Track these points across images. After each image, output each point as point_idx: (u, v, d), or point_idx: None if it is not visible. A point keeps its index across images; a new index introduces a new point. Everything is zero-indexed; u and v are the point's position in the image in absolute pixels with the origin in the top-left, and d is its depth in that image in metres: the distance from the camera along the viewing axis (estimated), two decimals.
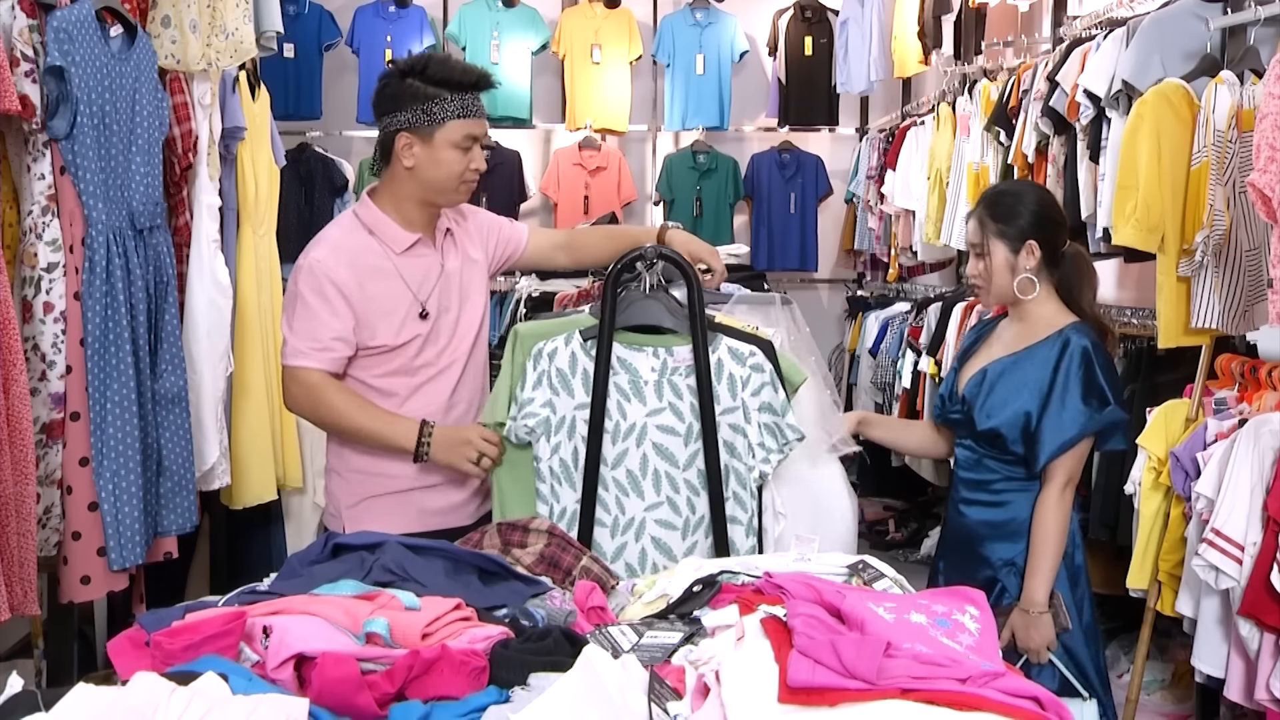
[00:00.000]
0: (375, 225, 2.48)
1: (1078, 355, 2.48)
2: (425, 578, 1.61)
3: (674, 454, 2.37)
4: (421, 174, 2.43)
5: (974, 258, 2.61)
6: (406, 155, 2.42)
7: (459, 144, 2.42)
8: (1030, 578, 2.49)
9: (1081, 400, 2.47)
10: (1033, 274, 2.55)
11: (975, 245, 2.60)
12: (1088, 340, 2.51)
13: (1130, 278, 4.48)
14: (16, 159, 2.38)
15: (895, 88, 6.58)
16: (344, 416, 2.43)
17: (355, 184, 6.67)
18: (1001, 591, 2.55)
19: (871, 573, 1.74)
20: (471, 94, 2.42)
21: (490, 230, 2.69)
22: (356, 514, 2.50)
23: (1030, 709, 1.26)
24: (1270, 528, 2.52)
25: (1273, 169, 2.44)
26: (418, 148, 2.41)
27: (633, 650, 1.44)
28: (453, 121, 2.39)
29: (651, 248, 2.37)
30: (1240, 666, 2.61)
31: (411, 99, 2.39)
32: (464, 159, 2.43)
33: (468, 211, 2.66)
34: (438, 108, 2.39)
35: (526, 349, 2.37)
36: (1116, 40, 3.48)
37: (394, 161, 2.45)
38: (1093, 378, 2.48)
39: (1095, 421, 2.47)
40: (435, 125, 2.39)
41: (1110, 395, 2.49)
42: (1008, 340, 2.64)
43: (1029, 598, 2.48)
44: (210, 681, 1.23)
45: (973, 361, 2.67)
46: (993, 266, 2.56)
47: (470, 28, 6.75)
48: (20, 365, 2.19)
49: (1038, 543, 2.49)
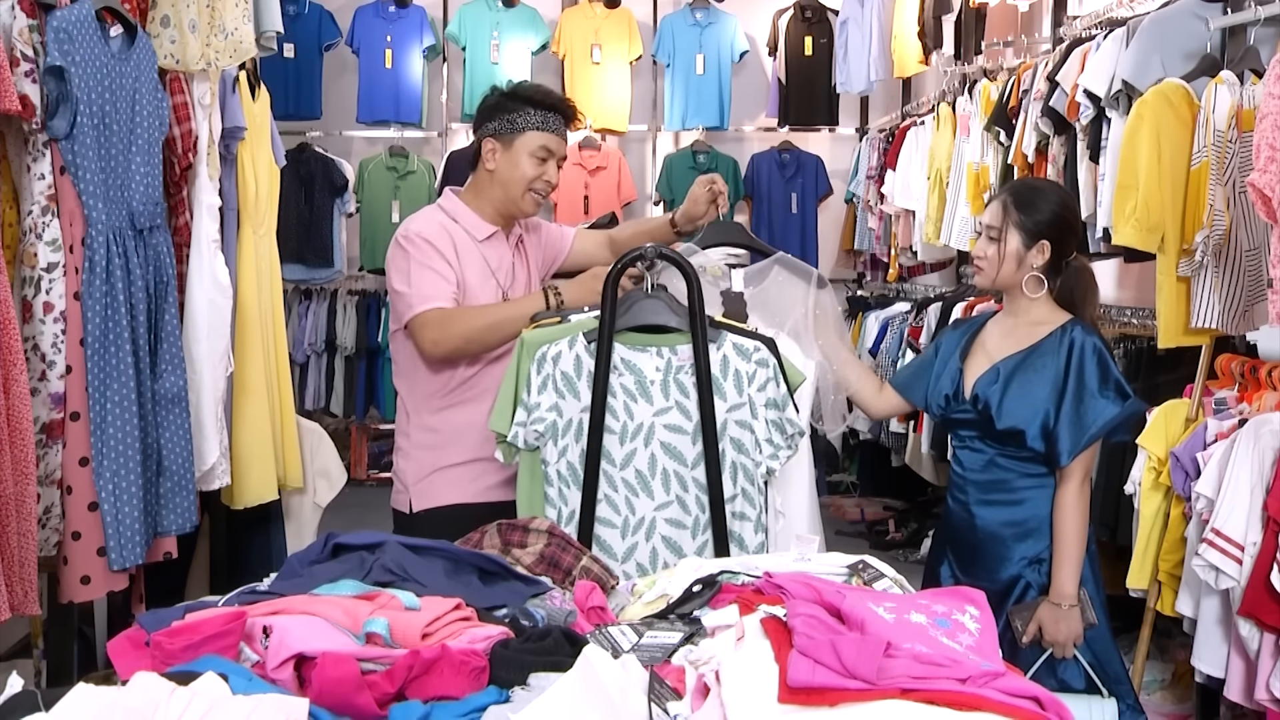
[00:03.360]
0: (457, 214, 2.73)
1: (1090, 350, 2.52)
2: (425, 578, 1.61)
3: (682, 453, 2.37)
4: (500, 176, 2.70)
5: (986, 239, 2.64)
6: (490, 159, 2.71)
7: (535, 153, 2.68)
8: (1058, 571, 2.51)
9: (1099, 394, 2.50)
10: (1040, 273, 2.58)
11: (992, 228, 2.62)
12: (1095, 335, 2.55)
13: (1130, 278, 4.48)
14: (16, 159, 2.38)
15: (895, 88, 6.58)
16: (480, 317, 2.62)
17: (355, 184, 6.68)
18: (1026, 588, 2.58)
19: (871, 573, 1.74)
20: (554, 114, 2.69)
21: (545, 236, 2.94)
22: (423, 488, 2.71)
23: (1030, 709, 1.26)
24: (1270, 528, 2.52)
25: (1273, 169, 2.44)
26: (500, 153, 2.69)
27: (633, 650, 1.44)
28: (531, 132, 2.67)
29: (652, 247, 2.39)
30: (1240, 666, 2.62)
31: (500, 111, 2.69)
32: (538, 168, 2.69)
33: (531, 225, 2.92)
34: (520, 119, 2.68)
35: (532, 356, 2.38)
36: (1116, 40, 3.48)
37: (479, 165, 2.74)
38: (1108, 371, 2.51)
39: (1119, 413, 2.51)
40: (516, 134, 2.68)
41: (1127, 387, 2.53)
42: (1004, 337, 2.64)
43: (1058, 590, 2.51)
44: (210, 681, 1.23)
45: (974, 361, 2.67)
46: (1004, 253, 2.59)
47: (470, 28, 6.75)
48: (20, 365, 2.19)
49: (1062, 537, 2.52)
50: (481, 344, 2.64)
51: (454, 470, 2.70)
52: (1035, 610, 2.53)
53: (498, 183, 2.71)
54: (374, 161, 6.76)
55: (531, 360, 2.37)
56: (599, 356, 2.33)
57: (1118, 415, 2.50)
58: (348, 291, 6.95)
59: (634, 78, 6.94)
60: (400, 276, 2.66)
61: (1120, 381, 2.52)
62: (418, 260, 2.64)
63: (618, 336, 2.37)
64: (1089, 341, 2.52)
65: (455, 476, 2.70)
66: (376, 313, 6.90)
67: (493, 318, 2.61)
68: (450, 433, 2.70)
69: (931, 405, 2.72)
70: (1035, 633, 2.52)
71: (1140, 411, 2.57)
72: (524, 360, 2.39)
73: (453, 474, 2.70)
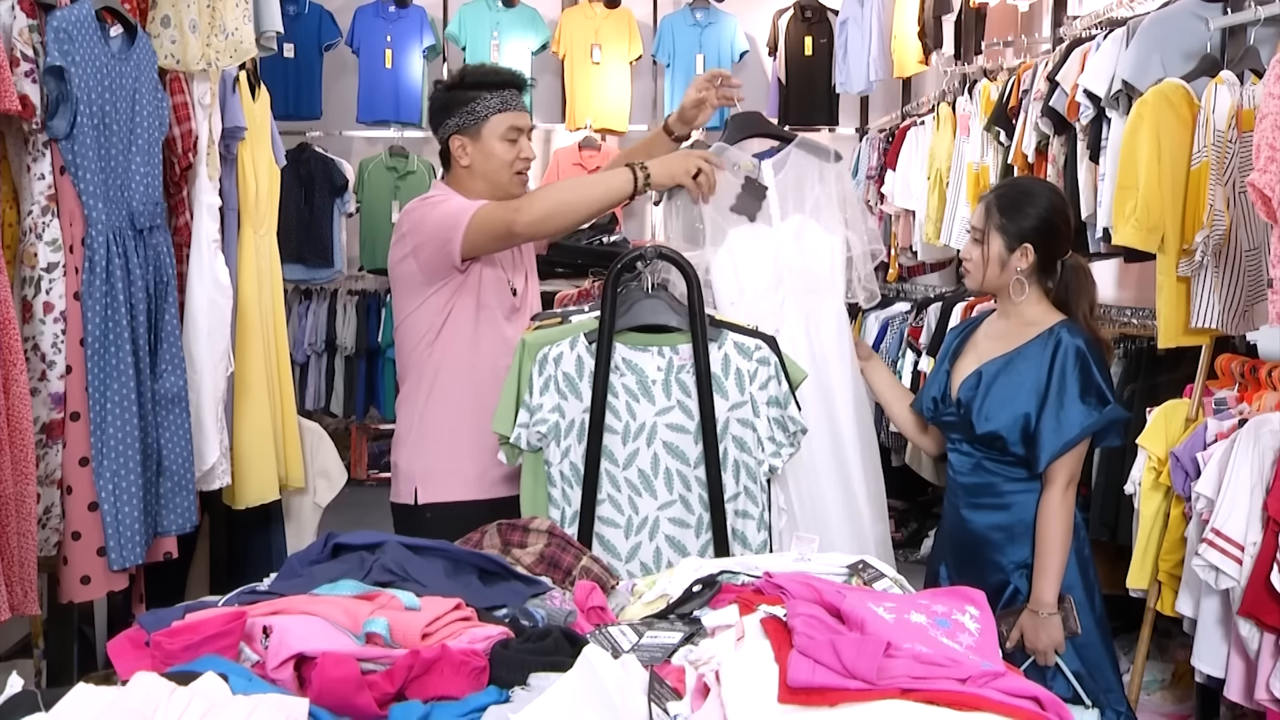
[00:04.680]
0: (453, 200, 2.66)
1: (1072, 354, 2.49)
2: (425, 578, 1.61)
3: (685, 452, 2.37)
4: (478, 169, 2.66)
5: (972, 241, 2.64)
6: (462, 155, 2.67)
7: (504, 135, 2.64)
8: (1038, 579, 2.50)
9: (1080, 399, 2.47)
10: (1024, 276, 2.57)
11: (976, 229, 2.62)
12: (1080, 338, 2.52)
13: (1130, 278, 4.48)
14: (16, 159, 2.38)
15: (895, 88, 6.58)
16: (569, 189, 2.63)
17: (355, 184, 6.67)
18: (1014, 594, 2.56)
19: (871, 573, 1.74)
20: (509, 90, 2.64)
21: None
22: (427, 478, 2.66)
23: (1030, 709, 1.26)
24: (1270, 528, 2.52)
25: (1273, 169, 2.44)
26: (470, 146, 2.66)
27: (633, 650, 1.44)
28: (495, 116, 2.63)
29: (652, 247, 2.39)
30: (1240, 666, 2.62)
31: (457, 105, 2.65)
32: (512, 149, 2.65)
33: None
34: (480, 106, 2.63)
35: (533, 357, 2.38)
36: (1116, 40, 3.47)
37: (454, 165, 2.70)
38: (1089, 376, 2.49)
39: (1096, 420, 2.48)
40: (480, 122, 2.63)
41: (1108, 393, 2.50)
42: (995, 339, 2.64)
43: (1038, 599, 2.49)
44: (210, 681, 1.23)
45: (963, 362, 2.67)
46: (987, 256, 2.59)
47: (470, 28, 6.75)
48: (20, 365, 2.19)
49: (1044, 544, 2.50)
50: (572, 209, 2.59)
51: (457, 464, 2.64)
52: (1019, 616, 2.52)
53: (478, 176, 2.67)
54: (374, 161, 6.76)
55: (533, 361, 2.37)
56: (599, 357, 2.33)
57: (1095, 422, 2.48)
58: (348, 291, 6.95)
59: (634, 78, 6.94)
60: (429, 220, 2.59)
61: (1101, 387, 2.49)
62: (438, 199, 2.61)
63: (618, 337, 2.37)
64: (1074, 345, 2.50)
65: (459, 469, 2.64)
66: (376, 313, 6.90)
67: (579, 183, 2.61)
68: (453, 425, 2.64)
69: (923, 408, 2.72)
70: (1018, 639, 2.51)
71: (1121, 419, 2.54)
72: (525, 361, 2.39)
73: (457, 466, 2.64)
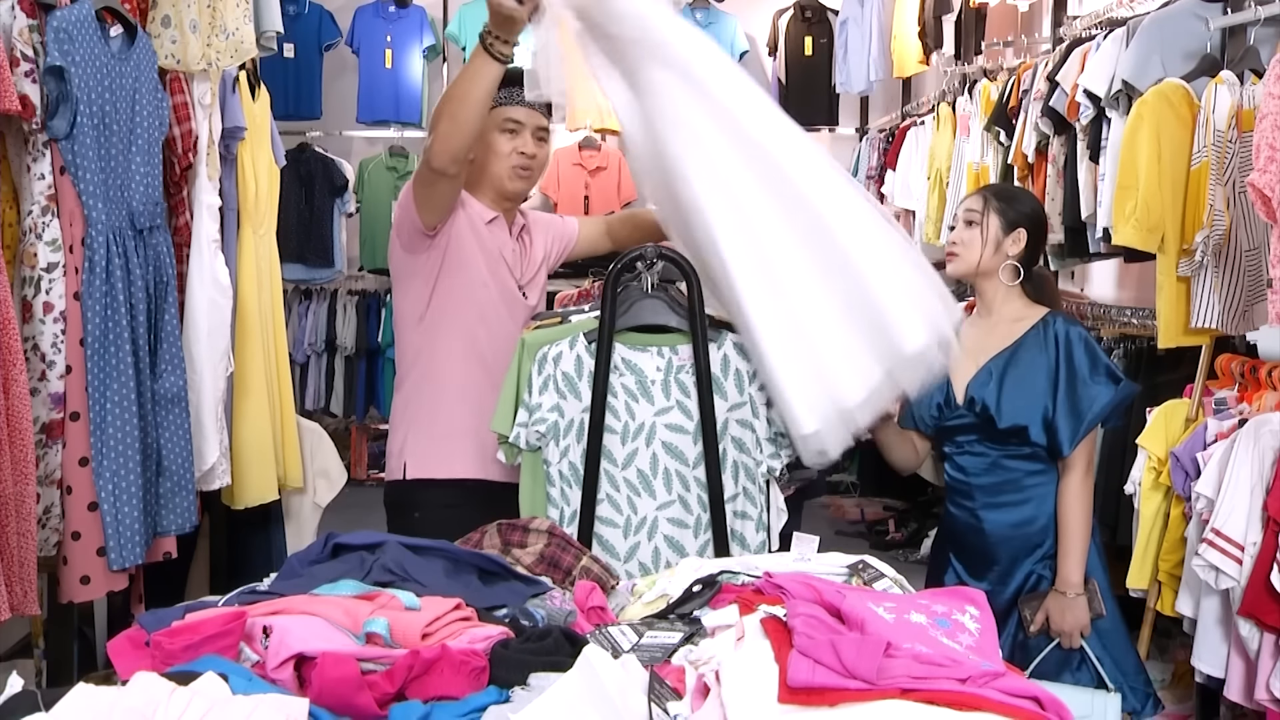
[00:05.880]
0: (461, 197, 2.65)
1: (1076, 339, 2.55)
2: (425, 578, 1.61)
3: (684, 452, 2.37)
4: (478, 162, 2.66)
5: (964, 225, 2.65)
6: None
7: (503, 127, 2.65)
8: (1063, 560, 2.54)
9: (1091, 380, 2.52)
10: (1017, 262, 2.62)
11: (973, 211, 2.64)
12: (1076, 324, 2.60)
13: (1130, 278, 4.48)
14: (16, 159, 2.38)
15: (895, 88, 6.58)
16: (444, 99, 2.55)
17: (355, 184, 6.67)
18: (1039, 581, 2.60)
19: (871, 573, 1.74)
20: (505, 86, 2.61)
21: (546, 227, 2.88)
22: (418, 456, 2.64)
23: (1030, 709, 1.26)
24: (1270, 528, 2.52)
25: (1273, 169, 2.44)
26: None
27: (633, 650, 1.44)
28: (493, 109, 2.60)
29: (652, 247, 2.39)
30: (1240, 666, 2.62)
31: None
32: (510, 141, 2.66)
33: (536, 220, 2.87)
34: None
35: (532, 356, 2.38)
36: (1116, 40, 3.48)
37: None
38: (1096, 356, 2.55)
39: (1114, 396, 2.53)
40: None
41: (1116, 369, 2.57)
42: (984, 338, 2.63)
43: (1064, 579, 2.53)
44: (210, 681, 1.23)
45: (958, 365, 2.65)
46: (986, 235, 2.61)
47: (470, 28, 6.73)
48: (20, 365, 2.19)
49: (1067, 527, 2.54)
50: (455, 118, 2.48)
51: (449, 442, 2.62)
52: (1044, 600, 2.55)
53: (478, 169, 2.68)
54: (374, 161, 6.76)
55: (532, 361, 2.37)
56: (599, 356, 2.33)
57: (1113, 398, 2.52)
58: (348, 291, 6.95)
59: None
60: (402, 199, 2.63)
61: (1110, 366, 2.56)
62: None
63: (618, 336, 2.37)
64: (1073, 330, 2.56)
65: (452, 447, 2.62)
66: (376, 313, 6.90)
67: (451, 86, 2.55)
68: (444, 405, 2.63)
69: (923, 418, 2.69)
70: (1043, 622, 2.54)
71: (1133, 393, 2.61)
72: (525, 361, 2.39)
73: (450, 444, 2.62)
